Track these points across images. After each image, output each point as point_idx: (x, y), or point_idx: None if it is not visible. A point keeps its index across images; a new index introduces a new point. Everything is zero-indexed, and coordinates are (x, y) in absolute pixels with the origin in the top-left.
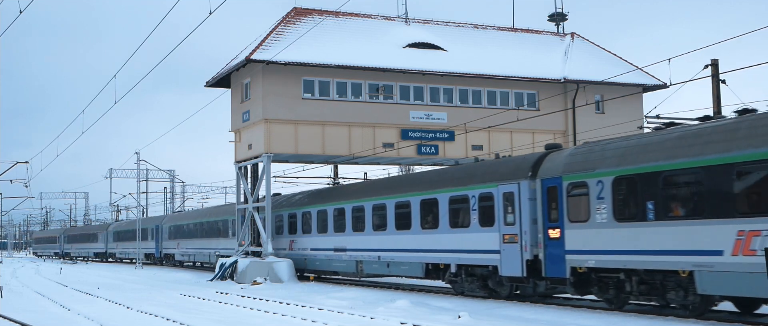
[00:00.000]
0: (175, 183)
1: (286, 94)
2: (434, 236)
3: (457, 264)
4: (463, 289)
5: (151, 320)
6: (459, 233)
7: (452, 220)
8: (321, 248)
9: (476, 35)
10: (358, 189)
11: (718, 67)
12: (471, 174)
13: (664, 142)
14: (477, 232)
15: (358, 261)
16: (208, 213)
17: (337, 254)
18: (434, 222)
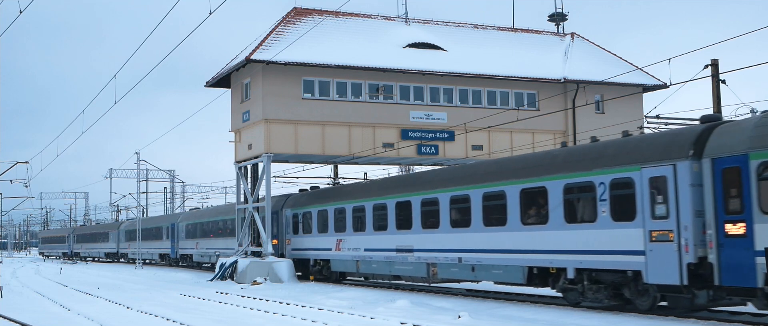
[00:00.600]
0: (175, 184)
1: (286, 94)
2: (542, 233)
3: (576, 269)
4: (579, 300)
5: (151, 320)
6: (580, 229)
7: (569, 214)
8: (378, 248)
9: (476, 35)
10: (430, 178)
11: (718, 67)
12: (597, 155)
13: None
14: (607, 228)
15: (430, 263)
16: (232, 210)
17: (401, 255)
18: (541, 216)
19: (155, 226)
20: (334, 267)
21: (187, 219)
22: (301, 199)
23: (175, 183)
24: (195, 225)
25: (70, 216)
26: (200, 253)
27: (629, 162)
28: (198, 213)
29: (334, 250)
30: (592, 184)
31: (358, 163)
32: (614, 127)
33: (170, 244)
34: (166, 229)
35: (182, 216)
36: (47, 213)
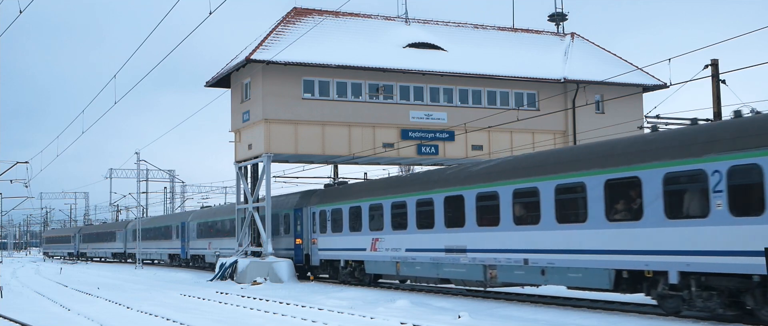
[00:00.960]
0: (175, 184)
1: (286, 94)
2: (634, 231)
3: (680, 272)
4: (681, 308)
5: (151, 320)
6: (686, 226)
7: (671, 208)
8: (422, 248)
9: (476, 35)
10: (488, 171)
11: (718, 67)
12: (708, 139)
13: None
14: (724, 225)
15: (488, 266)
16: None
17: (451, 256)
18: (632, 211)
19: (164, 225)
20: (369, 269)
21: (199, 217)
22: (330, 195)
23: (175, 183)
24: (208, 224)
25: (70, 216)
26: (213, 254)
27: (755, 144)
28: (211, 211)
29: (370, 250)
30: (701, 173)
31: (358, 163)
32: (614, 127)
33: (180, 244)
34: (176, 228)
35: (193, 215)
36: (47, 213)
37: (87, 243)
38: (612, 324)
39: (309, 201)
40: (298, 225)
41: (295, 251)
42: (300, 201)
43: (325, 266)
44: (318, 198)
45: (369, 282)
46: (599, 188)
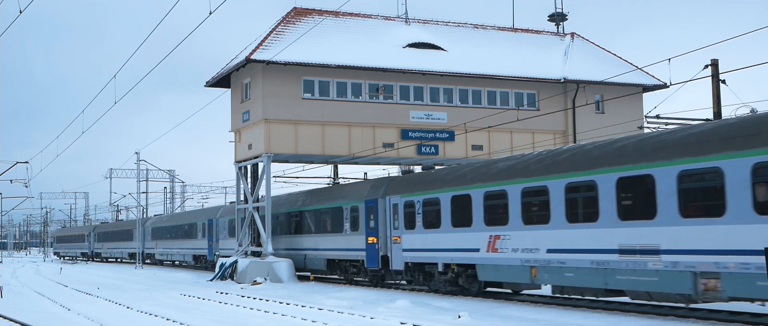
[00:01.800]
0: (175, 183)
1: (285, 94)
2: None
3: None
4: None
5: (151, 320)
6: None
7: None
8: (577, 248)
9: (476, 35)
10: (699, 138)
11: (718, 67)
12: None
13: None
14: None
15: (701, 272)
16: (300, 200)
17: (631, 260)
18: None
19: (187, 223)
20: (484, 276)
21: (232, 213)
22: (420, 182)
23: (175, 183)
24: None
25: (70, 216)
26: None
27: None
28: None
29: (486, 251)
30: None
31: (358, 163)
32: (614, 127)
33: (207, 244)
34: (202, 226)
35: (222, 211)
36: (47, 213)
37: (102, 243)
38: (612, 324)
39: (388, 190)
40: (371, 221)
41: (367, 252)
42: (373, 191)
43: (413, 270)
44: (401, 185)
45: (477, 292)
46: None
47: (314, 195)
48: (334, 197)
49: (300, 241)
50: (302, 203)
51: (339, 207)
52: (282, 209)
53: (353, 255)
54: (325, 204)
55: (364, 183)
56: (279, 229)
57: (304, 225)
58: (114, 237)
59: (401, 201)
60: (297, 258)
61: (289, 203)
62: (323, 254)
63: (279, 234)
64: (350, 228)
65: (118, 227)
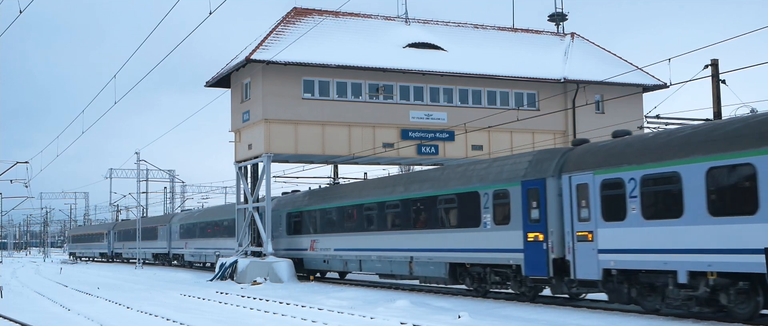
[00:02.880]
0: (175, 183)
1: (286, 94)
2: None
3: None
4: None
5: (151, 320)
6: None
7: None
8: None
9: (476, 35)
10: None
11: (718, 67)
12: None
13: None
14: None
15: None
16: (383, 187)
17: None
18: None
19: (228, 218)
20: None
21: (290, 204)
22: (629, 150)
23: (175, 183)
24: (309, 215)
25: (70, 216)
26: (323, 256)
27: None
28: (305, 197)
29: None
30: None
31: (358, 163)
32: (614, 127)
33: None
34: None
35: (278, 202)
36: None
37: (123, 242)
38: (612, 324)
39: (566, 165)
40: (534, 209)
41: (528, 254)
42: (536, 167)
43: (621, 281)
44: (592, 157)
45: (751, 317)
46: None
47: (416, 180)
48: (460, 179)
49: (375, 240)
50: (390, 191)
51: (472, 193)
52: (339, 201)
53: (499, 258)
54: (445, 189)
55: (513, 159)
56: (330, 225)
57: (390, 218)
58: (135, 236)
59: (595, 180)
60: (370, 262)
61: (351, 193)
62: (442, 257)
63: (329, 232)
64: (494, 221)
65: (142, 224)
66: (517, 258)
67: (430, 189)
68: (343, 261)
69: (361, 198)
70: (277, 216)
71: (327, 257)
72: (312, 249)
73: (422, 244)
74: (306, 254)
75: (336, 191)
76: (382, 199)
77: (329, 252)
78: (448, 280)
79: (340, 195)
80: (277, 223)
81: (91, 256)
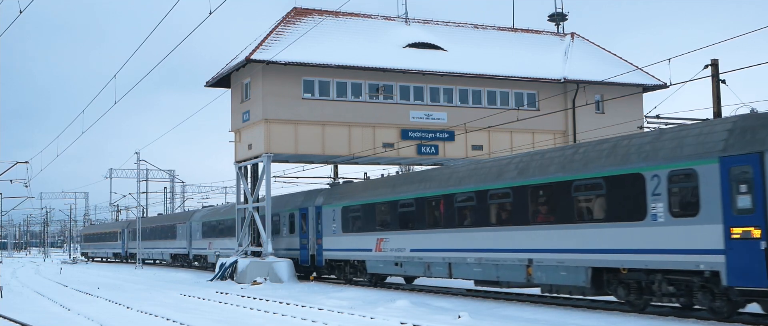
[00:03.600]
0: (175, 183)
1: (286, 94)
2: None
3: None
4: None
5: (151, 320)
6: None
7: None
8: None
9: (476, 35)
10: None
11: (718, 67)
12: None
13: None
14: None
15: None
16: (454, 175)
17: None
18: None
19: (273, 214)
20: None
21: (347, 196)
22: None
23: (175, 183)
24: (374, 209)
25: (70, 216)
26: (394, 257)
27: None
28: (389, 182)
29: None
30: None
31: (358, 163)
32: (614, 127)
33: (302, 243)
34: (292, 218)
35: (327, 194)
36: (47, 213)
37: (136, 241)
38: (612, 324)
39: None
40: (742, 194)
41: (730, 254)
42: (749, 138)
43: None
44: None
45: None
46: None
47: (535, 163)
48: (609, 158)
49: (473, 238)
50: (496, 177)
51: (632, 176)
52: (419, 190)
53: (680, 262)
54: (584, 172)
55: (696, 129)
56: (405, 221)
57: (497, 211)
58: (153, 235)
59: None
60: (465, 266)
61: (436, 180)
62: (581, 260)
63: (403, 229)
64: (669, 212)
65: (158, 222)
66: (712, 262)
67: (559, 173)
68: (423, 264)
69: (452, 186)
70: (328, 211)
71: (400, 259)
72: (378, 250)
73: (549, 243)
74: (369, 256)
75: (414, 178)
76: (485, 187)
77: (403, 254)
78: (589, 290)
79: (421, 183)
80: (328, 219)
81: (104, 257)
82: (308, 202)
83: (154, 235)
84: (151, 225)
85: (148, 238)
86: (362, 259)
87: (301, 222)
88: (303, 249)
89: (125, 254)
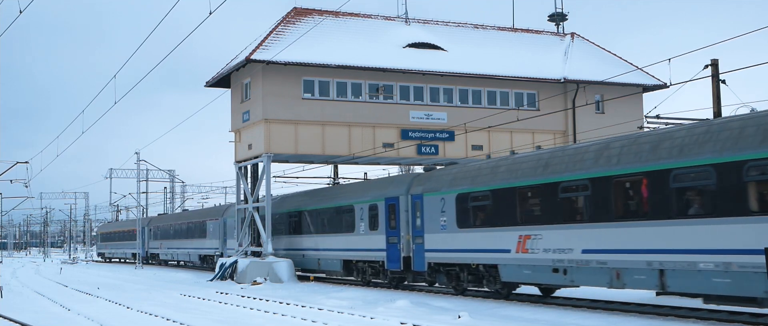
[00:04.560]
0: (175, 184)
1: (286, 94)
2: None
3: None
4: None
5: (151, 320)
6: None
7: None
8: None
9: (476, 35)
10: None
11: (718, 67)
12: None
13: None
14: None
15: None
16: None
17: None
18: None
19: (333, 208)
20: None
21: (461, 180)
22: None
23: (175, 183)
24: (512, 194)
25: (70, 216)
26: (552, 261)
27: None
28: (542, 159)
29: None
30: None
31: (358, 163)
32: (614, 127)
33: (388, 241)
34: (376, 210)
35: (426, 180)
36: (47, 213)
37: (161, 241)
38: (612, 324)
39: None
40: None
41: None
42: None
43: None
44: None
45: None
46: None
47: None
48: None
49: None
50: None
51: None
52: (596, 167)
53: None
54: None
55: None
56: (558, 210)
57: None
58: (177, 234)
59: None
60: (638, 272)
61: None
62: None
63: (558, 222)
64: None
65: (185, 219)
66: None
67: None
68: (608, 270)
69: (670, 158)
70: (434, 201)
71: (562, 264)
72: (522, 250)
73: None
74: (506, 258)
75: (587, 151)
76: (739, 157)
77: (569, 256)
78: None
79: (603, 155)
80: (433, 210)
81: (122, 257)
82: (397, 190)
83: (179, 234)
84: (175, 223)
85: (172, 237)
86: (493, 263)
87: (389, 216)
88: (392, 250)
89: (145, 255)
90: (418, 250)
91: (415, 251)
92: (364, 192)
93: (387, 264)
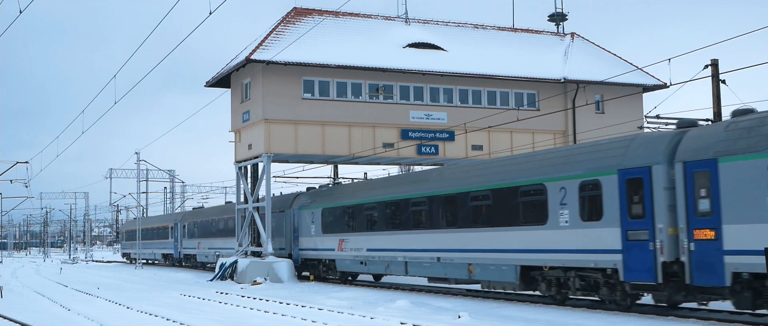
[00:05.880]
0: (175, 184)
1: (286, 94)
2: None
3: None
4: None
5: (151, 320)
6: None
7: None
8: None
9: (476, 35)
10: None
11: (718, 67)
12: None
13: None
14: None
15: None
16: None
17: None
18: None
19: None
20: None
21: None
22: None
23: (175, 183)
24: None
25: (70, 216)
26: None
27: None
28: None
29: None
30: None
31: (358, 163)
32: (614, 127)
33: (627, 234)
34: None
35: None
36: (47, 213)
37: (196, 240)
38: (612, 324)
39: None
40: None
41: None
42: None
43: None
44: None
45: None
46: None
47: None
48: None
49: None
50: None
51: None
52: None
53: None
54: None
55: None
56: None
57: None
58: (214, 232)
59: None
60: None
61: None
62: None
63: None
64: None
65: (230, 213)
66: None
67: None
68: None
69: None
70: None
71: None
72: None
73: None
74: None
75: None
76: None
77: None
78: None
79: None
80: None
81: (151, 259)
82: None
83: (220, 232)
84: (215, 218)
85: (213, 235)
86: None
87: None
88: (635, 251)
89: (179, 256)
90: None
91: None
92: (565, 165)
93: (624, 275)
